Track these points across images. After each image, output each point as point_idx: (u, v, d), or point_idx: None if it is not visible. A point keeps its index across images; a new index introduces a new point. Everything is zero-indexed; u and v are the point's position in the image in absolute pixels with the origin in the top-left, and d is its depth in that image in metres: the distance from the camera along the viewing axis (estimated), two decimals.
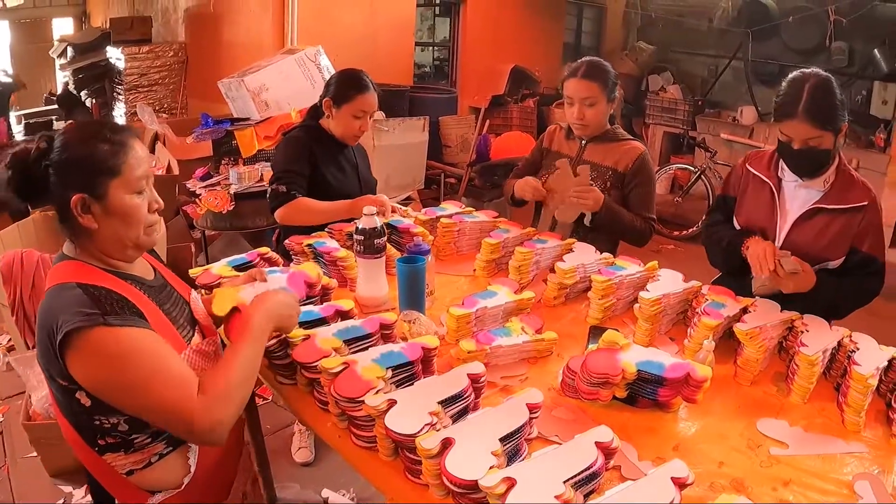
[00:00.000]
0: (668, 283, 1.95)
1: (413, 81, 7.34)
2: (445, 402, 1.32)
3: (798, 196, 2.00)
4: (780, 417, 1.53)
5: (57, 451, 2.62)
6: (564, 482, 1.09)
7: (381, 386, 1.37)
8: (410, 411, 1.27)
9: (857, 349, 1.61)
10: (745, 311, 1.84)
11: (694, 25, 8.10)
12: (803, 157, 1.90)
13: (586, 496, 1.15)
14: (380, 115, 5.57)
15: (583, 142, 2.50)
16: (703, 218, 2.33)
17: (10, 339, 3.64)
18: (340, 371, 1.39)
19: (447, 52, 8.31)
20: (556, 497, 1.05)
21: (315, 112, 2.61)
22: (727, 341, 1.80)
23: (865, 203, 1.92)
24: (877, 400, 1.58)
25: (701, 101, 7.84)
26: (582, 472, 1.12)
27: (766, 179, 2.06)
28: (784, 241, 2.01)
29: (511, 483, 1.08)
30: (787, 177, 2.02)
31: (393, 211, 2.44)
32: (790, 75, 1.93)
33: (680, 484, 1.12)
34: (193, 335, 1.46)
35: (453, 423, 1.30)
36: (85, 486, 2.61)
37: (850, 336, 1.69)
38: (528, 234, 2.38)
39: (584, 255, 2.16)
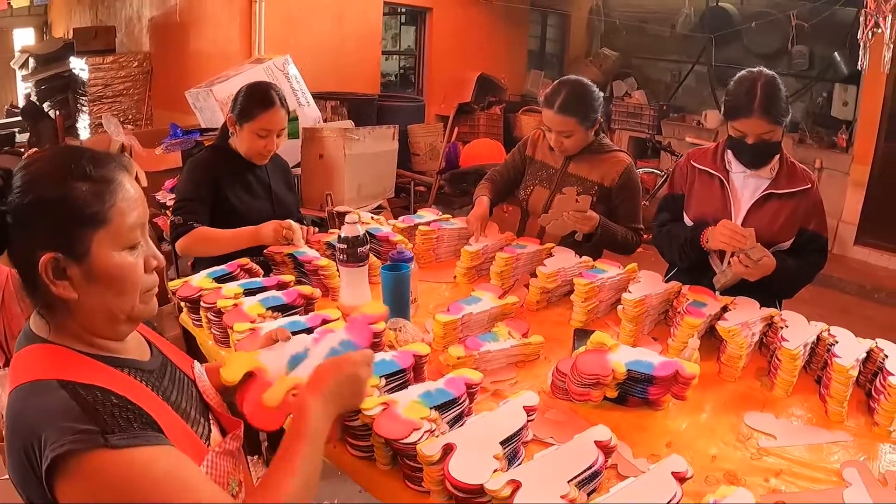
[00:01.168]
0: (648, 284, 1.98)
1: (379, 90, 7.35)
2: (441, 408, 1.32)
3: (748, 185, 2.10)
4: (766, 411, 1.56)
5: None
6: (568, 482, 1.10)
7: (376, 395, 1.36)
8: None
9: (836, 342, 1.65)
10: (725, 309, 1.87)
11: (657, 31, 8.25)
12: (757, 151, 2.01)
13: (588, 495, 1.16)
14: (349, 123, 5.56)
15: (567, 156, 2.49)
16: (653, 220, 2.38)
17: None
18: None
19: (413, 61, 8.34)
20: (562, 497, 1.06)
21: (226, 129, 2.42)
22: (708, 339, 1.84)
23: (809, 186, 2.07)
24: (857, 390, 1.63)
25: (665, 105, 7.99)
26: (584, 471, 1.13)
27: (715, 172, 2.14)
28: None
29: (516, 485, 1.08)
30: (735, 168, 2.12)
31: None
32: (738, 75, 2.03)
33: (680, 478, 1.14)
34: (211, 430, 1.13)
35: (450, 428, 1.30)
36: None
37: (829, 330, 1.74)
38: (508, 240, 2.39)
39: (564, 260, 2.19)
